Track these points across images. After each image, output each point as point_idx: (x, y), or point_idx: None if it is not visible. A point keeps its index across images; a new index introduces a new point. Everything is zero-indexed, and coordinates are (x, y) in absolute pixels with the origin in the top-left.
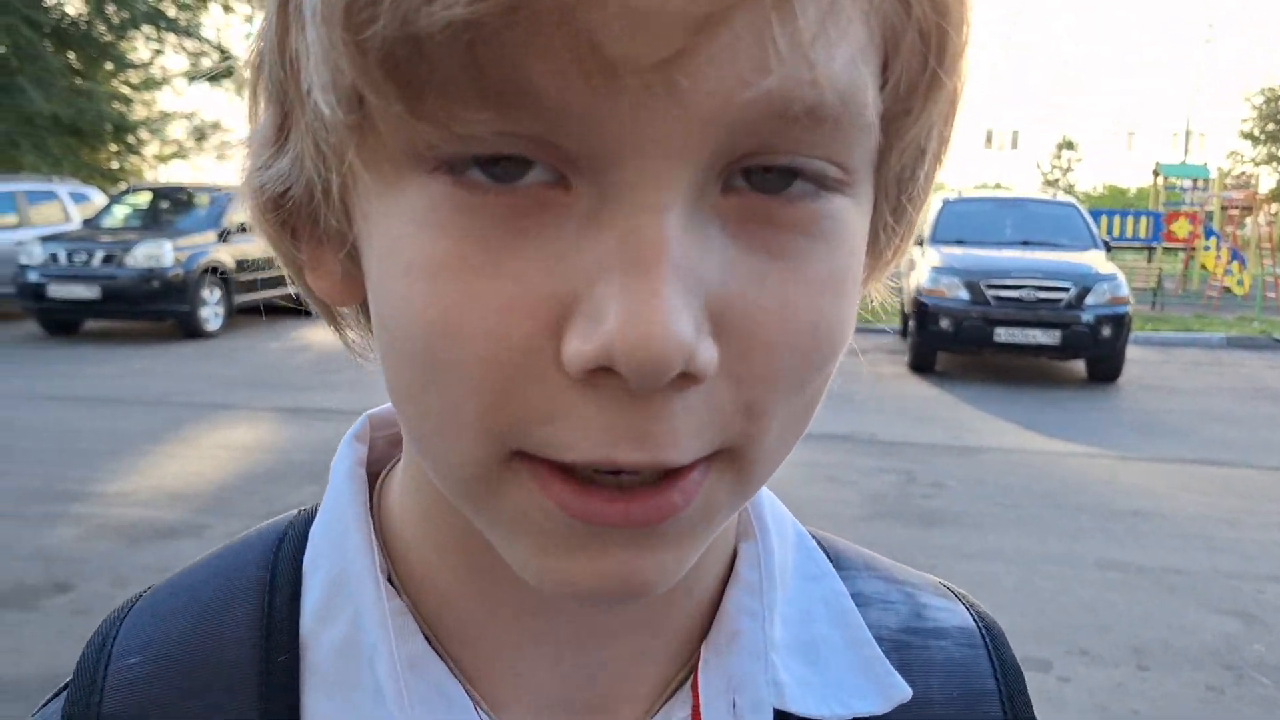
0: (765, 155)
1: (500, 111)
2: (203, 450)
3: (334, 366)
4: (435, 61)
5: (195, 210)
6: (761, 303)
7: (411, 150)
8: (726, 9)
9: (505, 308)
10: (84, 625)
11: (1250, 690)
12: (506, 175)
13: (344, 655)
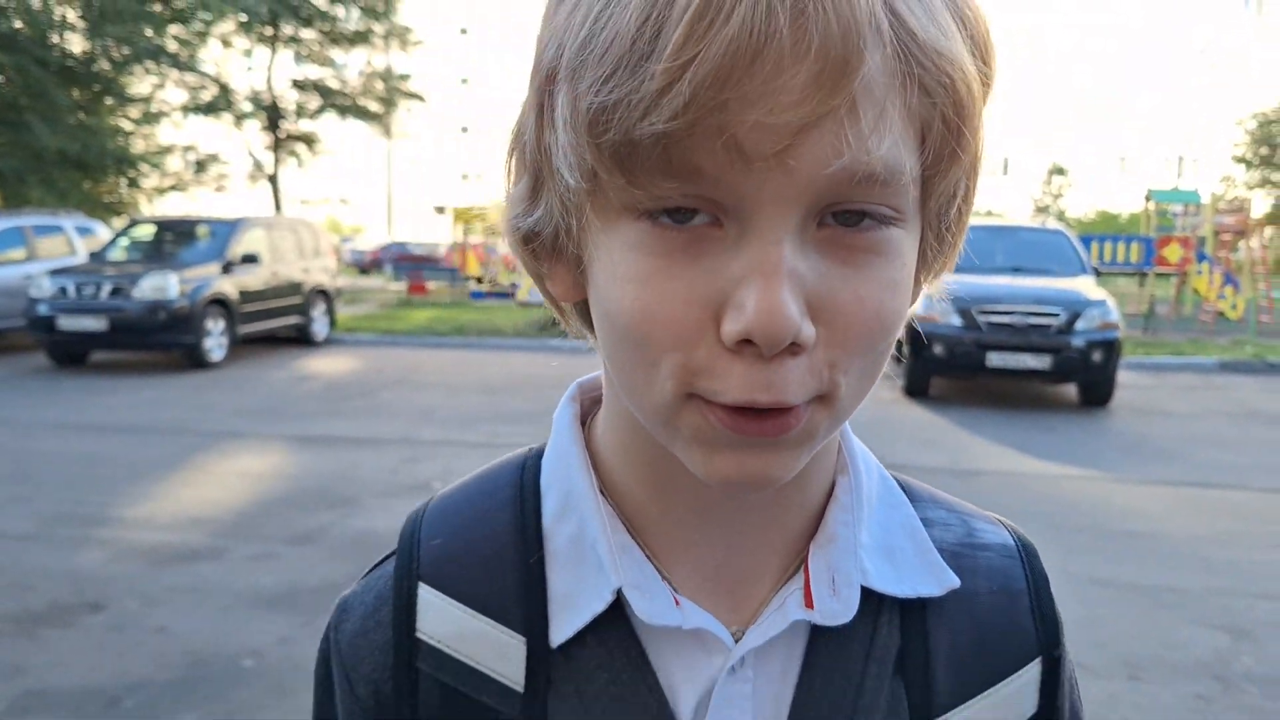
0: (843, 203)
1: (681, 182)
2: (218, 477)
3: (340, 396)
4: (642, 155)
5: (198, 242)
6: (843, 298)
7: (626, 205)
8: (816, 119)
9: (685, 302)
10: (119, 641)
11: (1238, 700)
12: (683, 219)
13: (575, 543)
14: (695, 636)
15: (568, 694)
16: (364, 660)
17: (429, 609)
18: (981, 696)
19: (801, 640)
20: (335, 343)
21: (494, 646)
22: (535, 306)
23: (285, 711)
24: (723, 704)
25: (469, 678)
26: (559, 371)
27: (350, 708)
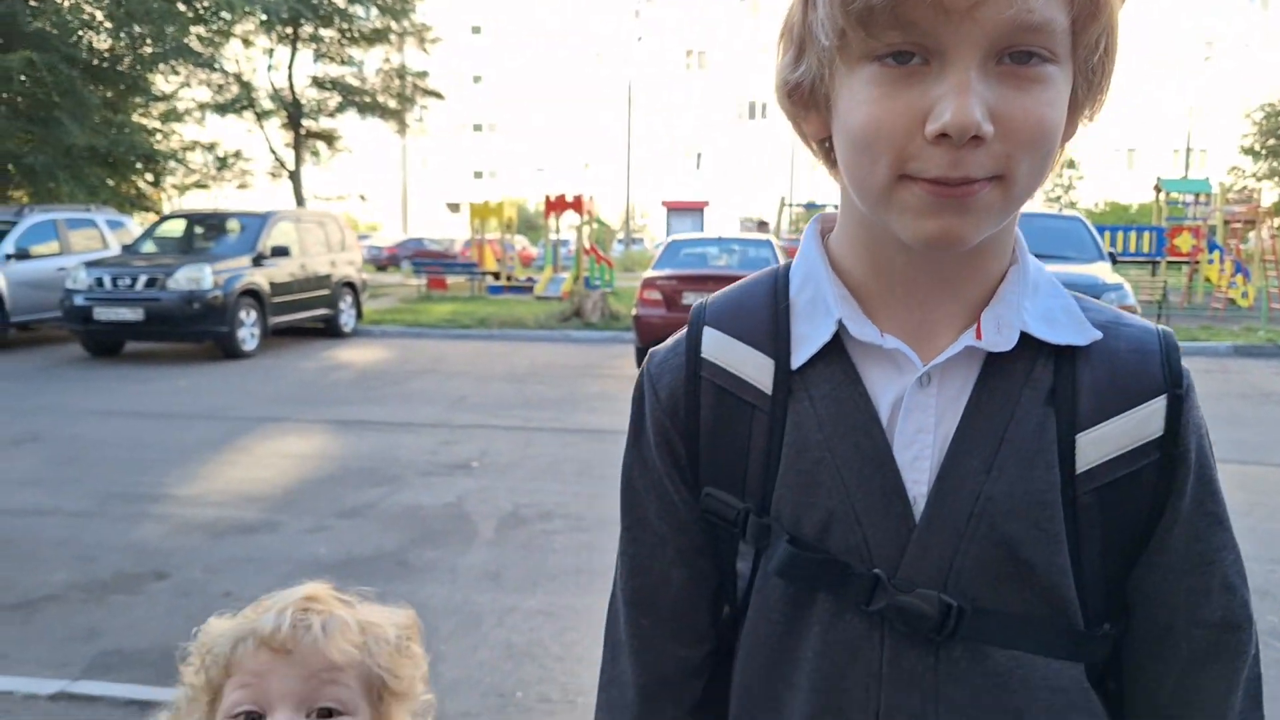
0: (1014, 46)
1: (902, 32)
2: (263, 458)
3: (372, 384)
4: (877, 15)
5: (229, 235)
6: (1014, 110)
7: (864, 53)
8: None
9: (902, 113)
10: (189, 606)
11: (1265, 654)
12: (903, 60)
13: (811, 303)
14: (892, 357)
15: (801, 399)
16: (665, 374)
17: (710, 339)
18: (1115, 419)
19: (976, 369)
20: (363, 334)
21: (753, 363)
22: (553, 300)
23: None
24: (912, 407)
25: (735, 383)
26: (581, 360)
27: (653, 408)
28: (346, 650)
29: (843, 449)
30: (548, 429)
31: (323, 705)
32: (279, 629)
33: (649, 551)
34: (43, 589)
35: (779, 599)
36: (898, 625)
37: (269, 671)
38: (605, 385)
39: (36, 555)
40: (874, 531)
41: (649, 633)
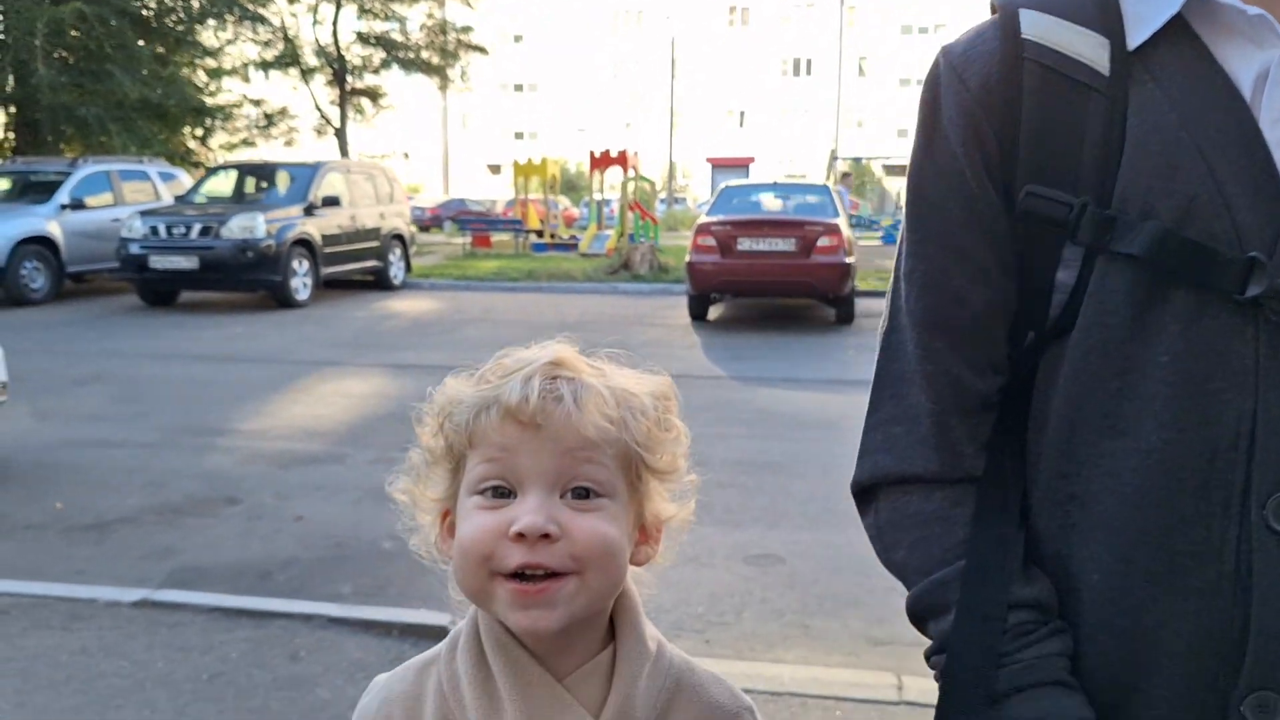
0: None
1: None
2: (323, 397)
3: (425, 331)
4: None
5: (280, 186)
6: None
7: None
8: None
9: None
10: (262, 527)
11: None
12: None
13: None
14: (1250, 30)
15: (1145, 82)
16: (974, 61)
17: (1030, 20)
18: None
19: None
20: (412, 287)
21: (1085, 41)
22: (597, 257)
23: (431, 584)
24: (1279, 80)
25: (1065, 62)
26: (631, 310)
27: (960, 99)
28: (602, 425)
29: (1203, 130)
30: None
31: (578, 485)
32: (526, 400)
33: (944, 267)
34: (116, 512)
35: (1123, 300)
36: (1274, 314)
37: (517, 447)
38: (656, 334)
39: (108, 482)
40: (1244, 215)
41: (943, 355)
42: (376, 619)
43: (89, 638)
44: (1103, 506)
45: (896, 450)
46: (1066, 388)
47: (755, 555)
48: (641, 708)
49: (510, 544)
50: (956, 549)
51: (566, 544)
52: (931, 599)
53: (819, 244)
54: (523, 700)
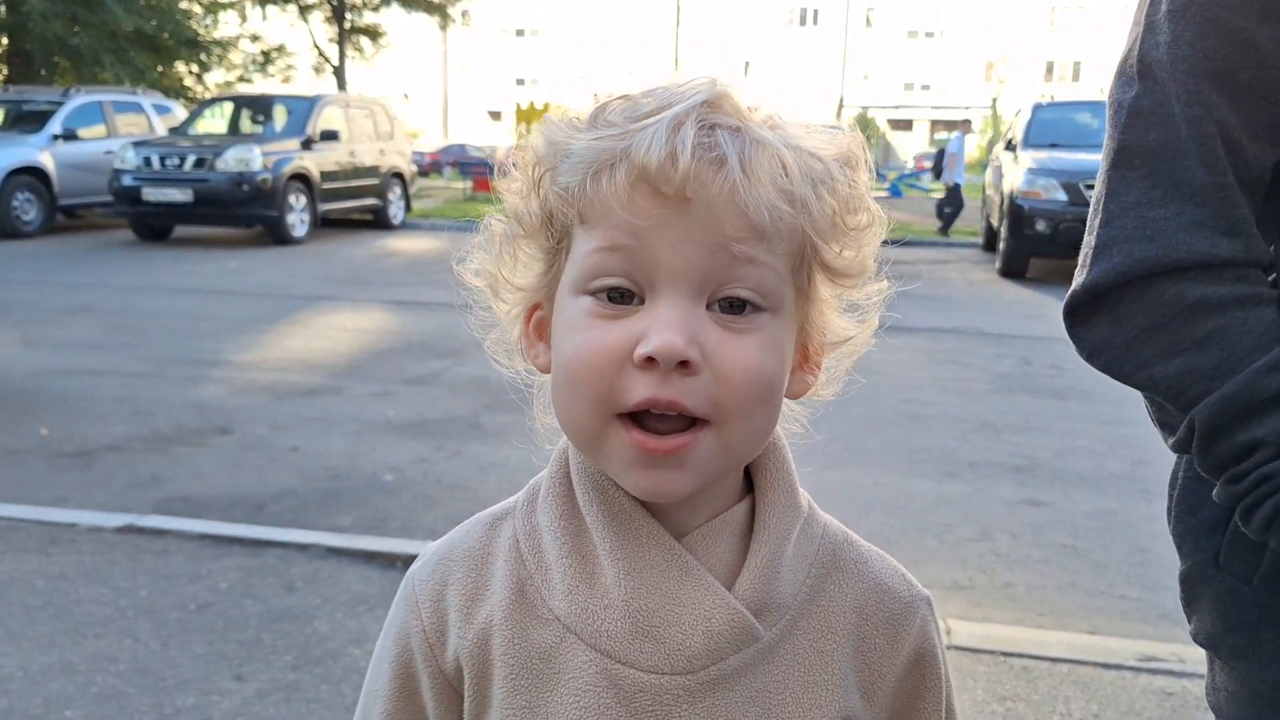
0: None
1: None
2: (320, 331)
3: (425, 269)
4: None
5: (277, 119)
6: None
7: None
8: None
9: None
10: (255, 458)
11: None
12: None
13: None
14: None
15: None
16: None
17: None
18: None
19: None
20: (411, 227)
21: None
22: None
23: (434, 519)
24: None
25: None
26: None
27: None
28: (777, 206)
29: None
30: None
31: (732, 294)
32: (673, 159)
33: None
34: (103, 439)
35: None
36: None
37: (652, 231)
38: None
39: (95, 410)
40: None
41: (1224, 115)
42: (379, 549)
43: (67, 563)
44: None
45: (1163, 237)
46: None
47: None
48: (787, 580)
49: (634, 371)
50: (1271, 334)
51: (710, 378)
52: (1253, 393)
53: None
54: (627, 561)
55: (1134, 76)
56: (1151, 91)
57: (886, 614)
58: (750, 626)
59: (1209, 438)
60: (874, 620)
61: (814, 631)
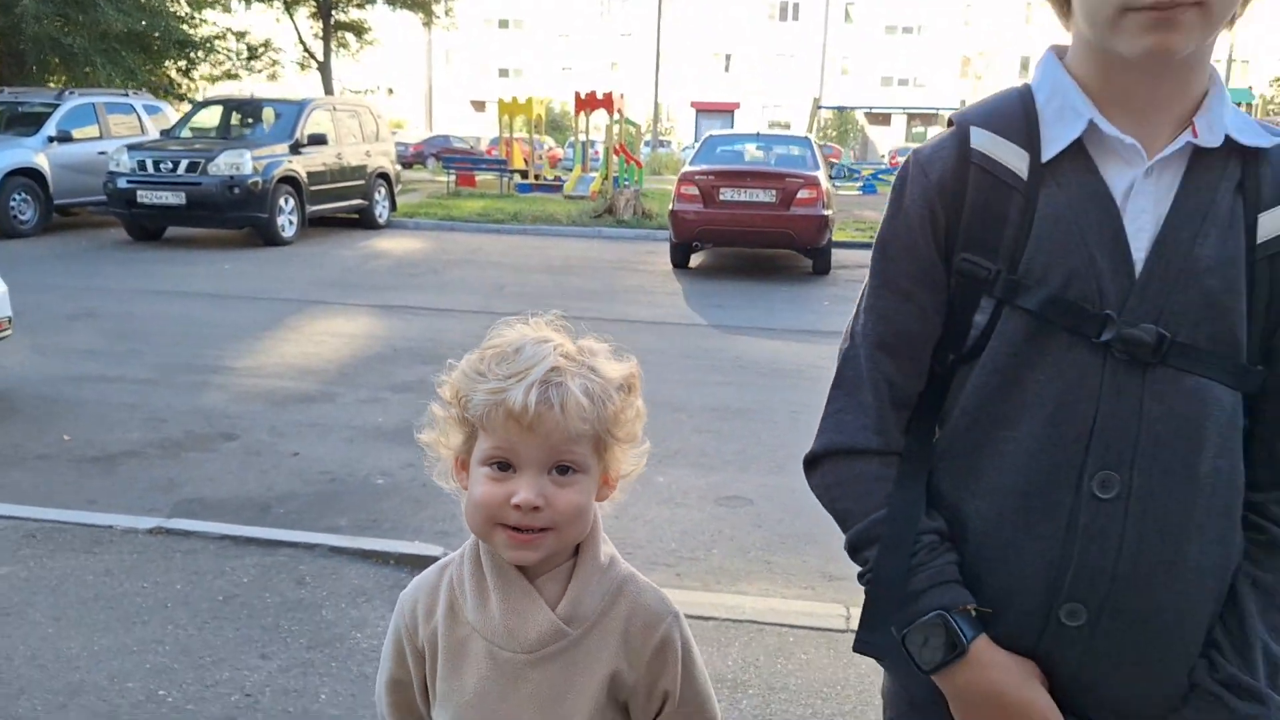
0: None
1: None
2: (312, 336)
3: (411, 272)
4: None
5: (266, 122)
6: None
7: None
8: None
9: None
10: (260, 463)
11: None
12: None
13: (1061, 110)
14: (1124, 154)
15: (1051, 185)
16: (935, 162)
17: (978, 136)
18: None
19: (1183, 166)
20: (397, 226)
21: (1013, 154)
22: (581, 199)
23: (423, 520)
24: (1138, 194)
25: (998, 168)
26: (614, 255)
27: (923, 188)
28: (579, 428)
29: (1086, 224)
30: (587, 318)
31: (560, 463)
32: (526, 409)
33: (895, 306)
34: (120, 445)
35: (1020, 337)
36: (1119, 353)
37: (518, 441)
38: (641, 279)
39: (110, 417)
40: (1106, 284)
41: (887, 369)
42: (374, 549)
43: (111, 560)
44: (988, 477)
45: (846, 431)
46: (972, 394)
47: (726, 497)
48: (588, 603)
49: (510, 508)
50: (885, 500)
51: (550, 511)
52: (868, 533)
53: (799, 196)
54: (501, 594)
55: (848, 337)
56: (854, 347)
57: (643, 621)
58: (563, 630)
59: (851, 551)
60: (636, 624)
61: (602, 631)
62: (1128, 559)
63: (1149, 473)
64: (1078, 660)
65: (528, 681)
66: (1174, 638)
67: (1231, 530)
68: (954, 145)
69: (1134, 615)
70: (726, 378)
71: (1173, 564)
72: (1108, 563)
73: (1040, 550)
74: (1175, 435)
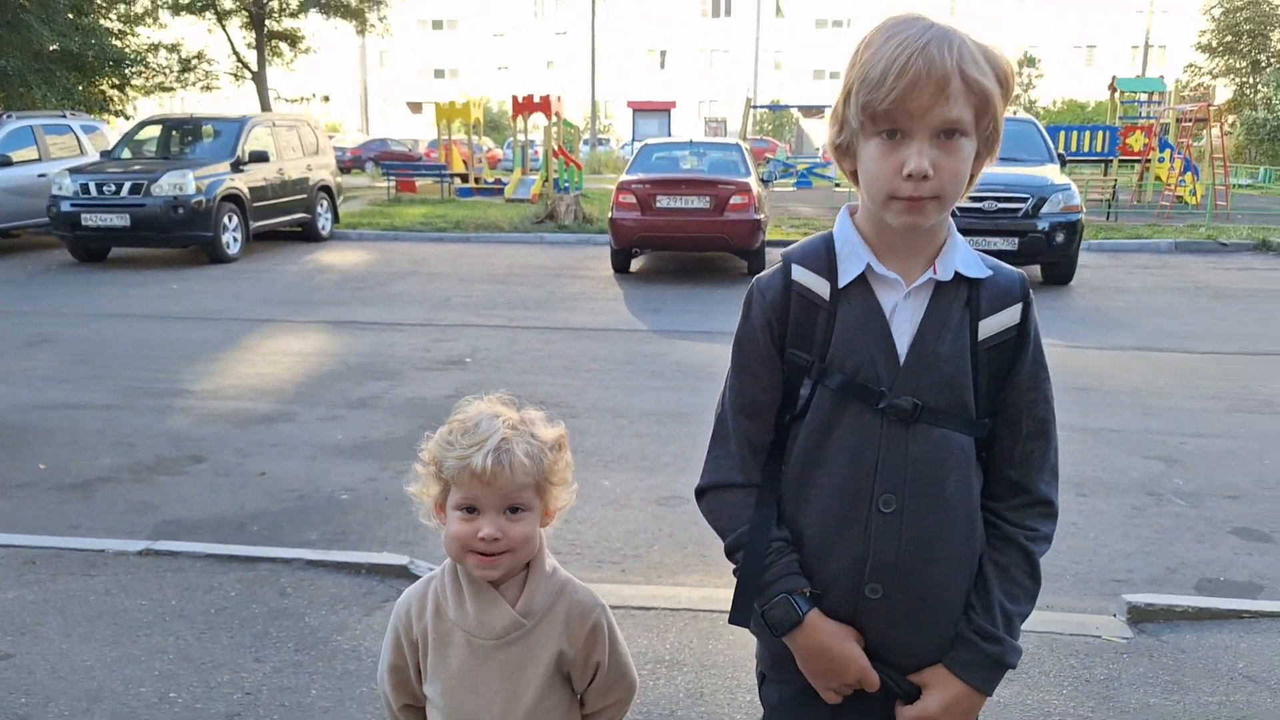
0: (944, 127)
1: (890, 123)
2: (266, 356)
3: (358, 286)
4: (879, 116)
5: (205, 141)
6: (943, 164)
7: (871, 132)
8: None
9: (891, 163)
10: (229, 483)
11: (1167, 509)
12: (891, 136)
13: (850, 254)
14: (891, 284)
15: (844, 304)
16: (770, 290)
17: (796, 270)
18: (997, 314)
19: (929, 292)
20: (340, 238)
21: (818, 283)
22: (523, 202)
23: (388, 531)
24: (900, 311)
25: (809, 292)
26: (557, 261)
27: (761, 307)
28: (524, 480)
29: (867, 331)
30: (532, 327)
31: (511, 505)
32: (485, 470)
33: (749, 383)
34: (94, 471)
35: (827, 406)
36: (891, 416)
37: (480, 491)
38: (583, 286)
39: (80, 443)
40: (880, 370)
41: (745, 427)
42: (347, 561)
43: (109, 581)
44: (813, 501)
45: (721, 472)
46: (800, 444)
47: (665, 497)
48: (538, 602)
49: (477, 539)
50: (748, 519)
51: (506, 540)
52: (737, 541)
53: (732, 202)
54: (474, 598)
55: (720, 404)
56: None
57: (579, 613)
58: (521, 622)
59: (728, 554)
60: (574, 615)
61: (549, 621)
62: (905, 552)
63: (915, 494)
64: (880, 622)
65: (495, 661)
66: (941, 603)
67: (973, 530)
68: (780, 277)
69: (913, 590)
70: (666, 383)
71: (934, 554)
72: (892, 555)
73: (849, 548)
74: (930, 469)
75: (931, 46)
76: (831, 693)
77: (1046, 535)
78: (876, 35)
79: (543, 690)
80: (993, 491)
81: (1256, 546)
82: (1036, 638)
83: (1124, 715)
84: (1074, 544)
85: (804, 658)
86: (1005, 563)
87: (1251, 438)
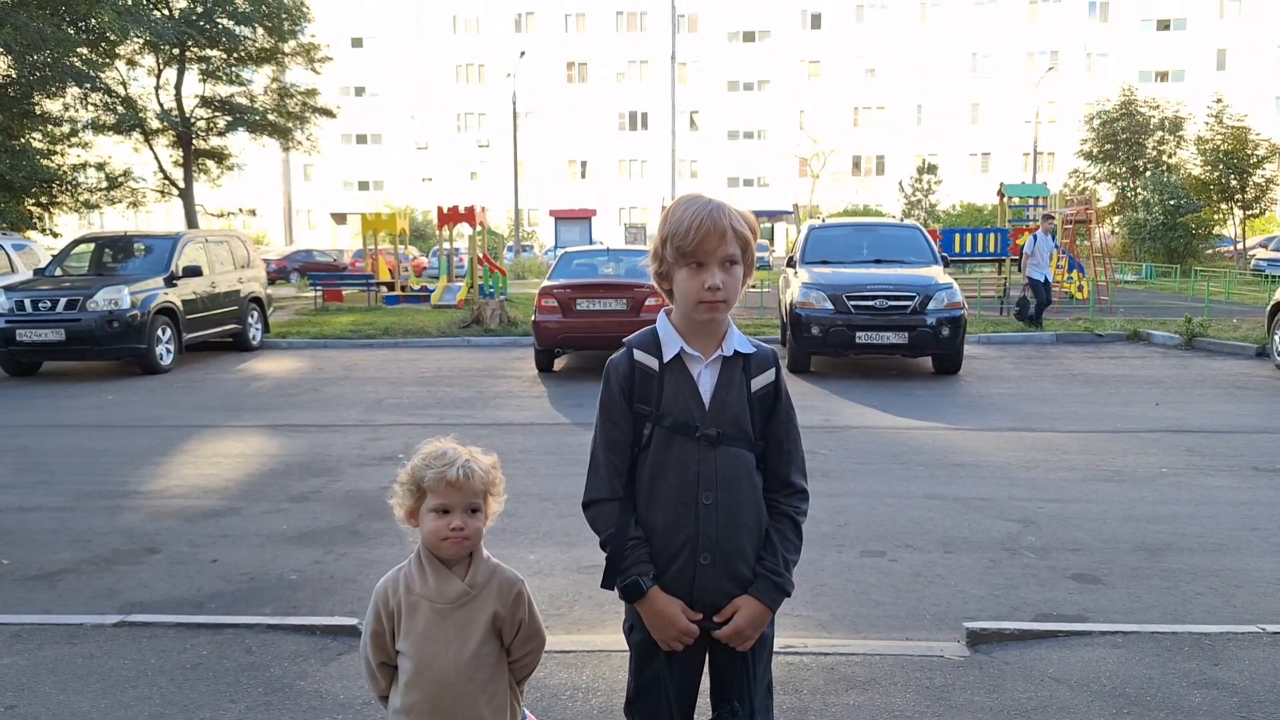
0: (727, 261)
1: (695, 259)
2: (208, 459)
3: (291, 392)
4: (687, 256)
5: (139, 257)
6: (729, 281)
7: (680, 265)
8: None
9: (699, 283)
10: (185, 570)
11: (1019, 561)
12: (695, 266)
13: (669, 340)
14: (696, 360)
15: (668, 373)
16: (620, 364)
17: (637, 352)
18: (760, 375)
19: (720, 363)
20: (271, 347)
21: (651, 360)
22: (449, 308)
23: (335, 605)
24: (703, 376)
25: (645, 367)
26: (483, 364)
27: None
28: (479, 488)
29: (683, 391)
30: (462, 424)
31: (471, 506)
32: (457, 478)
33: (610, 427)
34: (55, 564)
35: (662, 440)
36: (704, 442)
37: (451, 494)
38: (509, 385)
39: (37, 541)
40: (693, 415)
41: (611, 459)
42: (302, 624)
43: (91, 647)
44: (658, 501)
45: (598, 490)
46: (647, 467)
47: (585, 566)
48: (480, 577)
49: (449, 529)
50: (615, 523)
51: (468, 529)
52: (607, 539)
53: (647, 303)
54: (435, 575)
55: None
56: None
57: (508, 583)
58: (468, 591)
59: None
60: (505, 586)
61: (487, 591)
62: (721, 530)
63: (724, 491)
64: (711, 582)
65: (451, 619)
66: (744, 560)
67: (760, 512)
68: (627, 357)
69: (728, 554)
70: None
71: (739, 529)
72: (713, 532)
73: (685, 531)
74: (731, 474)
75: (715, 212)
76: (664, 644)
77: (805, 510)
78: (678, 205)
79: (482, 640)
80: (769, 486)
81: (1087, 587)
82: (892, 659)
83: (953, 710)
84: (935, 591)
85: (647, 617)
86: (782, 529)
87: (1099, 501)
